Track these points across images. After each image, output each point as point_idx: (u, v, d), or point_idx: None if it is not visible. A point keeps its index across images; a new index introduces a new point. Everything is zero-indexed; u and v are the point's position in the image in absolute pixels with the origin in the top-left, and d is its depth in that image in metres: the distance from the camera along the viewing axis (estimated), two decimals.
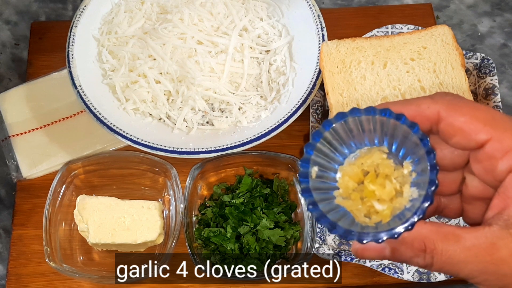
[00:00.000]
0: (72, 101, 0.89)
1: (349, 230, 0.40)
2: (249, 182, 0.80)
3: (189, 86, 0.85)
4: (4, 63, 0.99)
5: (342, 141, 0.43)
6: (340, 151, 0.43)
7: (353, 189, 0.42)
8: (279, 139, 0.84)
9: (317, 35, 0.88)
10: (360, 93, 0.79)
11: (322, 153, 0.42)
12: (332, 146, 0.43)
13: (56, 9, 1.05)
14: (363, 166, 0.43)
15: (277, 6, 0.93)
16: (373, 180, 0.42)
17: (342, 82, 0.80)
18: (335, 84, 0.80)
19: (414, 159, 0.42)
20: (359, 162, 0.43)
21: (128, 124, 0.83)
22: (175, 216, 0.79)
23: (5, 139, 0.88)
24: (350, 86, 0.80)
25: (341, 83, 0.80)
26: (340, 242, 0.80)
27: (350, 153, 0.43)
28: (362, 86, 0.80)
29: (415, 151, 0.41)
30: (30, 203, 0.84)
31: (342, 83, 0.80)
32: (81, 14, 0.89)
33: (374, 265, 0.74)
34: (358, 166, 0.43)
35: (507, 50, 1.02)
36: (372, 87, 0.80)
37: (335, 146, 0.43)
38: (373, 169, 0.42)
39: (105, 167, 0.84)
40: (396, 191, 0.42)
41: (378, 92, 0.79)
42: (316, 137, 0.42)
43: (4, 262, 0.84)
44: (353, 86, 0.80)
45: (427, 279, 0.73)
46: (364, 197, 0.41)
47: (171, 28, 0.87)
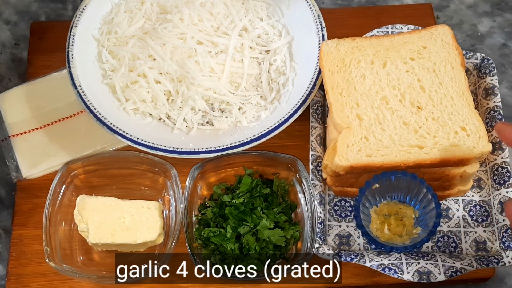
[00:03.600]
0: (72, 101, 0.89)
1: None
2: (249, 182, 0.80)
3: (189, 86, 0.85)
4: (4, 63, 0.99)
5: (373, 196, 0.78)
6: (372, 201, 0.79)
7: (379, 223, 0.78)
8: (279, 139, 0.84)
9: (317, 35, 0.88)
10: (360, 92, 0.79)
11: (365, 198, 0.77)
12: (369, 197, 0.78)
13: (56, 9, 1.05)
14: (383, 211, 0.78)
15: (277, 6, 0.93)
16: (392, 222, 0.78)
17: (342, 81, 0.80)
18: (335, 83, 0.80)
19: (422, 206, 0.77)
20: (380, 209, 0.79)
21: (128, 124, 0.83)
22: (175, 216, 0.79)
23: (5, 139, 0.88)
24: (349, 85, 0.80)
25: (340, 82, 0.80)
26: (340, 242, 0.80)
27: (377, 203, 0.79)
28: (362, 85, 0.80)
29: (423, 200, 0.77)
30: (30, 203, 0.84)
31: (341, 82, 0.80)
32: (81, 14, 0.89)
33: (374, 265, 0.74)
34: (380, 211, 0.79)
35: (507, 50, 1.02)
36: (372, 86, 0.80)
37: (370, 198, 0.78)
38: (394, 212, 0.78)
39: (105, 167, 0.84)
40: (406, 227, 0.78)
41: (377, 91, 0.79)
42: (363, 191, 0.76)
43: (4, 262, 0.84)
44: (352, 85, 0.80)
45: (427, 279, 0.72)
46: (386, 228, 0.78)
47: (171, 28, 0.87)
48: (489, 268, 0.76)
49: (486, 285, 0.83)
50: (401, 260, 0.74)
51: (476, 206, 0.82)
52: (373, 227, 0.77)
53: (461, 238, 0.80)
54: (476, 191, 0.83)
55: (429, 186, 0.75)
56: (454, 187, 0.80)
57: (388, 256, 0.75)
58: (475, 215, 0.82)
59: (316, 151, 0.83)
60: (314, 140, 0.84)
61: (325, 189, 0.83)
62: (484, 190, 0.83)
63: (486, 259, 0.75)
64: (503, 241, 0.77)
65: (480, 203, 0.82)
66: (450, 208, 0.82)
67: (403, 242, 0.76)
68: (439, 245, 0.80)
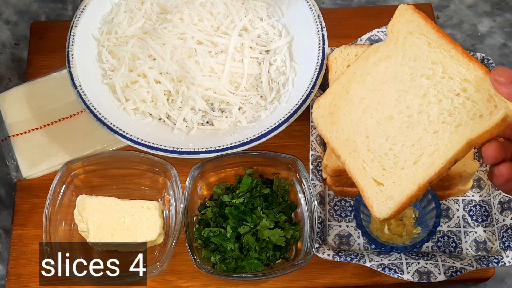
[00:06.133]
0: (72, 101, 0.89)
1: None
2: (249, 182, 0.80)
3: (189, 86, 0.85)
4: (4, 63, 0.99)
5: None
6: None
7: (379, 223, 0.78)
8: (279, 139, 0.84)
9: (317, 35, 0.88)
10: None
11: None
12: None
13: (56, 9, 1.05)
14: None
15: (277, 6, 0.93)
16: (392, 222, 0.79)
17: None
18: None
19: (422, 206, 0.78)
20: None
21: (128, 124, 0.83)
22: (175, 216, 0.79)
23: (5, 139, 0.88)
24: None
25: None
26: (340, 242, 0.80)
27: None
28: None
29: (423, 200, 0.78)
30: (30, 203, 0.84)
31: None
32: (81, 14, 0.89)
33: (374, 265, 0.74)
34: None
35: (507, 50, 1.02)
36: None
37: None
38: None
39: (105, 167, 0.84)
40: (406, 227, 0.78)
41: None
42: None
43: (4, 262, 0.84)
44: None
45: (427, 279, 0.72)
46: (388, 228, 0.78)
47: (171, 28, 0.87)
48: (489, 268, 0.76)
49: (486, 285, 0.83)
50: (401, 260, 0.74)
51: (476, 206, 0.82)
52: (373, 227, 0.77)
53: (461, 238, 0.80)
54: (476, 191, 0.83)
55: None
56: (454, 187, 0.80)
57: (388, 256, 0.75)
58: (475, 215, 0.82)
59: (316, 151, 0.83)
60: (314, 140, 0.84)
61: (325, 189, 0.83)
62: (484, 190, 0.83)
63: (486, 259, 0.75)
64: (503, 241, 0.77)
65: (480, 203, 0.82)
66: (450, 208, 0.82)
67: (403, 242, 0.76)
68: (439, 245, 0.80)
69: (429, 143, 0.64)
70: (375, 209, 0.67)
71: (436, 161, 0.64)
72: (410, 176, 0.65)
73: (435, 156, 0.64)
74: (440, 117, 0.64)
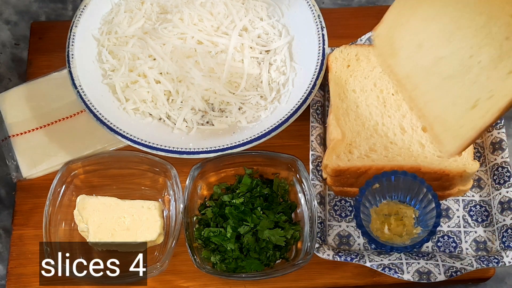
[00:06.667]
0: (72, 101, 0.89)
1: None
2: (249, 182, 0.80)
3: (189, 86, 0.85)
4: (4, 63, 0.99)
5: (373, 195, 0.78)
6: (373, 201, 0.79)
7: (379, 223, 0.78)
8: (279, 139, 0.84)
9: (317, 35, 0.88)
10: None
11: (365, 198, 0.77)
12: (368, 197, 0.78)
13: (56, 9, 1.05)
14: (383, 211, 0.79)
15: (277, 6, 0.93)
16: (392, 222, 0.78)
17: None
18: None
19: (422, 206, 0.78)
20: (380, 209, 0.79)
21: (128, 124, 0.83)
22: (175, 216, 0.79)
23: (5, 139, 0.88)
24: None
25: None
26: (340, 242, 0.80)
27: (378, 203, 0.79)
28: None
29: (423, 200, 0.77)
30: (30, 203, 0.84)
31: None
32: (81, 14, 0.89)
33: (374, 265, 0.74)
34: (380, 211, 0.79)
35: None
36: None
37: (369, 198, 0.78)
38: (394, 212, 0.78)
39: (105, 167, 0.84)
40: (406, 227, 0.77)
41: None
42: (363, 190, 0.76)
43: (4, 262, 0.84)
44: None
45: (427, 279, 0.72)
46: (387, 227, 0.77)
47: (171, 28, 0.87)
48: (489, 268, 0.76)
49: (486, 285, 0.83)
50: (401, 260, 0.74)
51: (476, 206, 0.82)
52: (373, 227, 0.77)
53: (461, 238, 0.80)
54: (476, 191, 0.83)
55: (429, 186, 0.75)
56: (454, 187, 0.80)
57: (388, 256, 0.75)
58: (475, 215, 0.82)
59: (316, 151, 0.83)
60: (314, 140, 0.84)
61: (325, 189, 0.83)
62: (484, 190, 0.83)
63: (486, 259, 0.75)
64: (503, 241, 0.77)
65: (480, 203, 0.82)
66: (450, 208, 0.82)
67: (403, 242, 0.76)
68: (439, 245, 0.80)
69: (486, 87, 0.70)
70: (445, 145, 0.75)
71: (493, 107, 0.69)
72: (470, 121, 0.72)
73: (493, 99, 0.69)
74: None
